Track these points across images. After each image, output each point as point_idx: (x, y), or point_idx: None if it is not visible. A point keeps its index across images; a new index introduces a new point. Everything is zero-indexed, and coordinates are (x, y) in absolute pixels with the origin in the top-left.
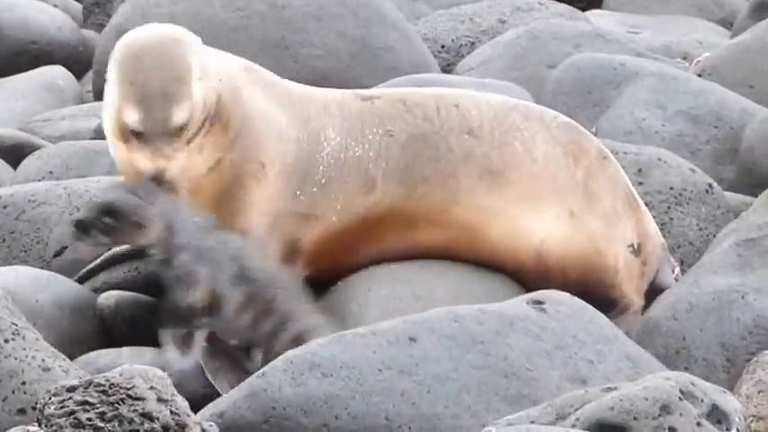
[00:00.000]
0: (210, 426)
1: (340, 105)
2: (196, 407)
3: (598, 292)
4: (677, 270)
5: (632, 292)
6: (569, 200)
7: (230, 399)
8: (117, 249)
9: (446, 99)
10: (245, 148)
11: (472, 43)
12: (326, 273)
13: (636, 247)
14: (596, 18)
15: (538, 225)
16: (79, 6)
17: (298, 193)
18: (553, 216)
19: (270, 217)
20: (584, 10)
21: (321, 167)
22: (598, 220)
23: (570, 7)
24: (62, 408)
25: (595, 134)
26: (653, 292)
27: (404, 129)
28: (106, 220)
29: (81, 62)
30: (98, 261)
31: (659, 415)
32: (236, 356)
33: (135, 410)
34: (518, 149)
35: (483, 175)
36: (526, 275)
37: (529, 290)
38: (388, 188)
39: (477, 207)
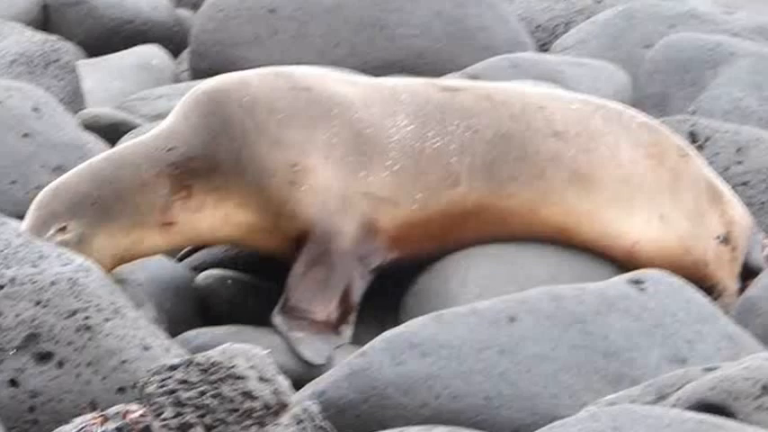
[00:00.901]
0: (311, 405)
1: (414, 94)
2: (296, 386)
3: (692, 283)
4: None
5: (726, 278)
6: (658, 203)
7: (330, 378)
8: None
9: (531, 100)
10: (260, 168)
11: (567, 23)
12: (413, 257)
13: (724, 236)
14: None
15: (629, 228)
16: None
17: (362, 174)
18: (644, 219)
19: (336, 198)
20: None
21: (392, 153)
22: (686, 221)
23: None
24: (163, 386)
25: (693, 114)
26: (745, 271)
27: (489, 125)
28: None
29: (176, 41)
30: None
31: (760, 395)
32: (320, 329)
33: (236, 389)
34: (604, 153)
35: (572, 178)
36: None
37: (627, 270)
38: (473, 184)
39: (568, 209)
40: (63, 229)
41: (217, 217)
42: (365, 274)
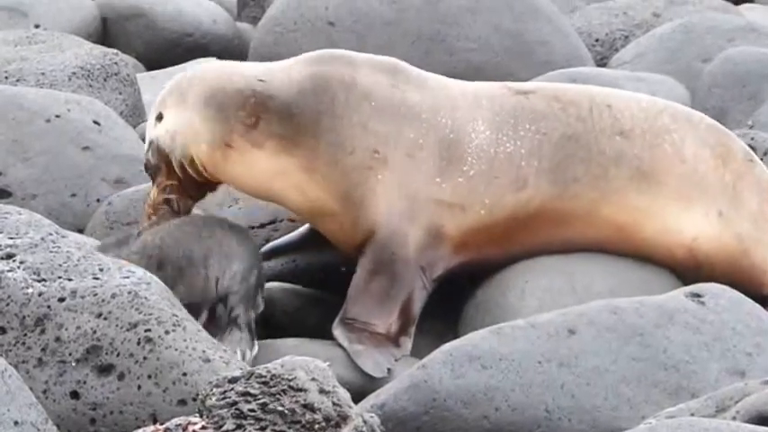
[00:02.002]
0: (371, 417)
1: (491, 99)
2: (357, 398)
3: (749, 290)
4: None
5: None
6: (718, 201)
7: (391, 390)
8: (275, 243)
9: (599, 99)
10: (338, 141)
11: (626, 37)
12: (475, 264)
13: None
14: (749, 12)
15: (687, 224)
16: None
17: (438, 180)
18: (702, 214)
19: (406, 201)
20: (737, 3)
21: (469, 159)
22: (747, 222)
23: (723, 1)
24: (224, 399)
25: (752, 127)
26: None
27: (557, 127)
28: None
29: (235, 55)
30: None
31: None
32: (380, 341)
33: (297, 402)
34: (668, 151)
35: (633, 176)
36: (677, 269)
37: (686, 282)
38: (539, 187)
39: (628, 207)
40: (160, 118)
41: (272, 165)
42: (427, 284)
